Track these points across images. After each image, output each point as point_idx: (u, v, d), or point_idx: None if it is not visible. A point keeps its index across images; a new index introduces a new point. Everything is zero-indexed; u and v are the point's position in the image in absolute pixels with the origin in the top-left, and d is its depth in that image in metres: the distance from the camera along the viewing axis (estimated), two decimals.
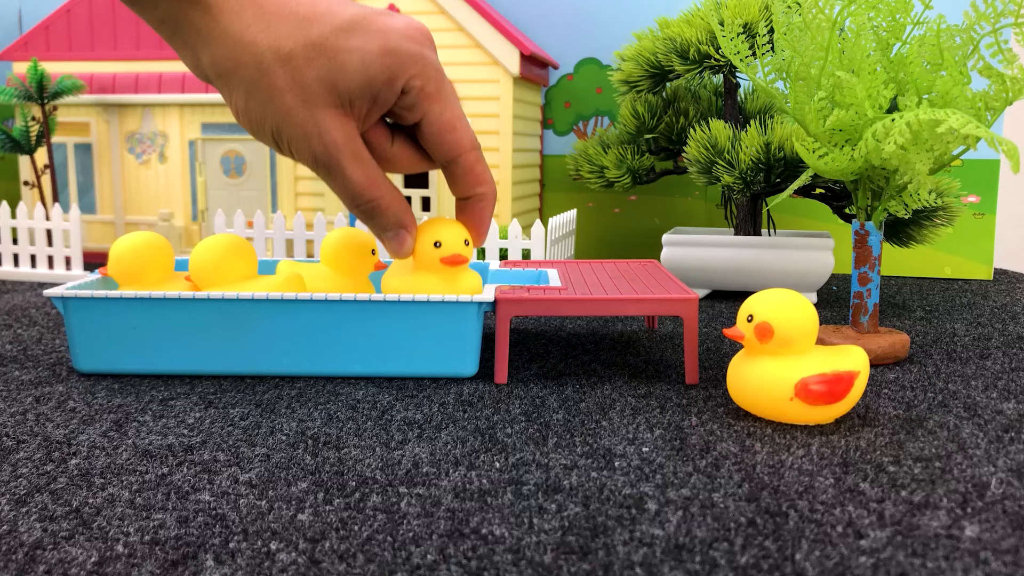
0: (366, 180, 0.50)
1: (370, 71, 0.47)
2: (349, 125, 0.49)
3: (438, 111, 0.50)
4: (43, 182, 1.15)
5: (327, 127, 0.48)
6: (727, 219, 0.96)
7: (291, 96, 0.47)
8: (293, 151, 0.49)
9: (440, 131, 0.51)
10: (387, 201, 0.52)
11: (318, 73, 0.47)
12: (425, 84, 0.49)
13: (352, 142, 0.49)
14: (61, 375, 0.59)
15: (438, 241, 0.56)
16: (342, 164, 0.49)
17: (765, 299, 0.49)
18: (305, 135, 0.48)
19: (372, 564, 0.33)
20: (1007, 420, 0.50)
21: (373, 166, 0.51)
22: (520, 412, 0.51)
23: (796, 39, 0.62)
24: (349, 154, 0.49)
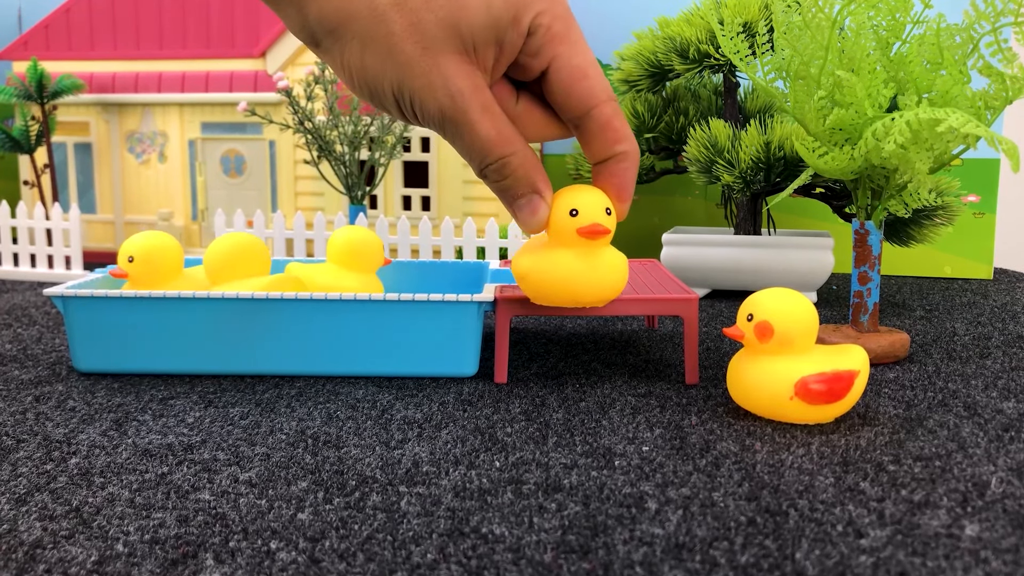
0: (497, 134, 0.44)
1: (494, 9, 0.42)
2: (476, 74, 0.43)
3: (568, 55, 0.44)
4: (43, 181, 1.15)
5: (452, 75, 0.43)
6: (727, 218, 0.96)
7: (411, 43, 0.42)
8: (417, 109, 0.44)
9: (571, 78, 0.45)
10: (520, 159, 0.46)
11: (438, 15, 0.42)
12: (552, 23, 0.44)
13: (480, 92, 0.43)
14: (61, 374, 0.59)
15: (574, 209, 0.49)
16: (470, 116, 0.44)
17: (765, 298, 0.49)
18: (430, 86, 0.43)
19: (372, 563, 0.33)
20: (1007, 419, 0.50)
21: (504, 120, 0.45)
22: (520, 411, 0.51)
23: (796, 38, 0.61)
24: (478, 105, 0.43)
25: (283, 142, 1.09)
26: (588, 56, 0.45)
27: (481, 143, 0.44)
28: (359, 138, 0.98)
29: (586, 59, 0.45)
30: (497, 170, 0.46)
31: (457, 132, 0.44)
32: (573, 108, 0.46)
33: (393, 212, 1.08)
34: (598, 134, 0.47)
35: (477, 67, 0.44)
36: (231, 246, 0.60)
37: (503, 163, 0.45)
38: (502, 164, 0.45)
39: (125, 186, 1.14)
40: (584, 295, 0.51)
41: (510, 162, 0.45)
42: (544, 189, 0.47)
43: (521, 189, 0.47)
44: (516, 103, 0.47)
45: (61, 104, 1.12)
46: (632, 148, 0.48)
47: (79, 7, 1.13)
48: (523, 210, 0.48)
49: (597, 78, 0.46)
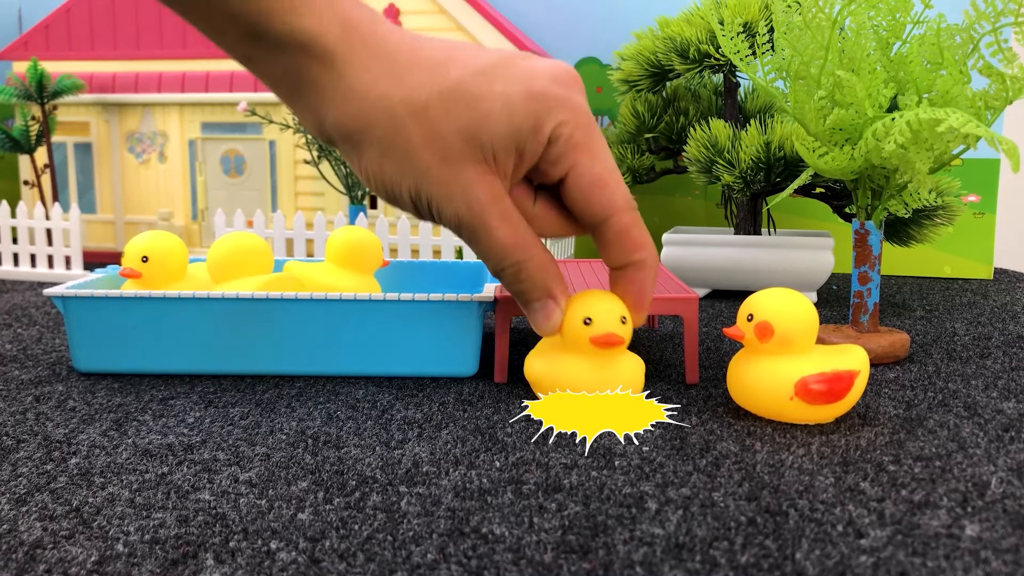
0: (513, 240, 0.45)
1: (515, 119, 0.42)
2: (495, 183, 0.44)
3: (588, 164, 0.44)
4: (43, 181, 1.15)
5: (470, 184, 0.43)
6: (727, 218, 0.96)
7: (429, 153, 0.42)
8: (435, 214, 0.44)
9: (590, 187, 0.45)
10: (536, 265, 0.46)
11: (457, 124, 0.42)
12: (574, 132, 0.44)
13: (499, 201, 0.44)
14: (61, 374, 0.59)
15: (588, 317, 0.48)
16: (488, 224, 0.44)
17: (765, 298, 0.49)
18: (448, 195, 0.43)
19: (372, 563, 0.33)
20: (1007, 419, 0.50)
21: (523, 226, 0.45)
22: (520, 411, 0.51)
23: (796, 38, 0.61)
24: (496, 213, 0.44)
25: (283, 142, 1.10)
26: (608, 164, 0.45)
27: (499, 248, 0.45)
28: None
29: (606, 168, 0.45)
30: (513, 274, 0.46)
31: (475, 238, 0.44)
32: (592, 216, 0.46)
33: (393, 212, 1.07)
34: (615, 242, 0.47)
35: (496, 175, 0.44)
36: (234, 246, 0.60)
37: (519, 268, 0.46)
38: (518, 269, 0.46)
39: (125, 186, 1.14)
40: None
41: (526, 267, 0.46)
42: (559, 294, 0.47)
43: (536, 294, 0.47)
44: (534, 204, 0.47)
45: (61, 104, 1.13)
46: (650, 257, 0.48)
47: (79, 7, 1.13)
48: (537, 314, 0.48)
49: (616, 187, 0.46)
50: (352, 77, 0.41)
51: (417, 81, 0.42)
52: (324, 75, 0.41)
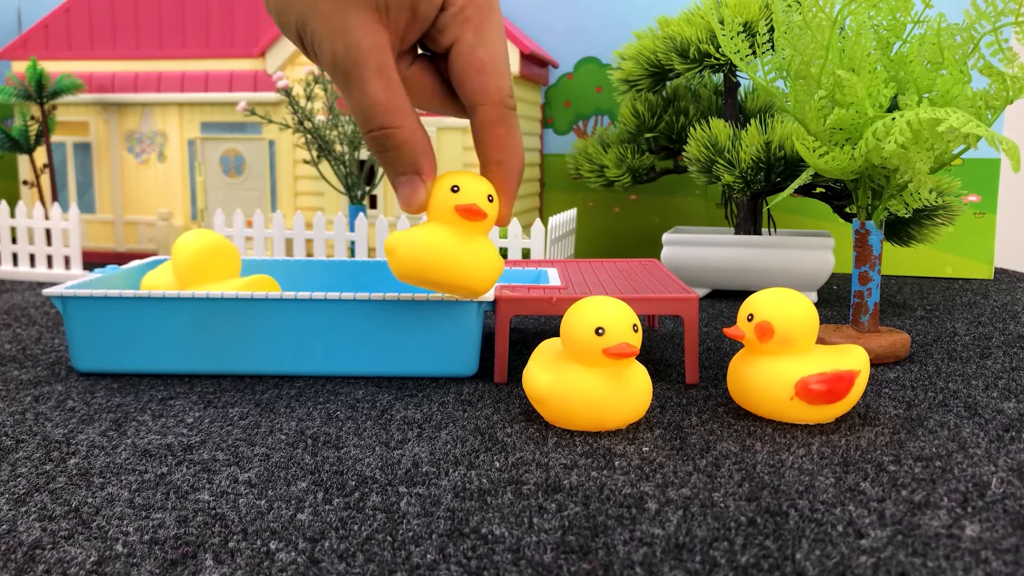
0: (386, 101, 0.43)
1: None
2: (381, 33, 0.42)
3: (471, 42, 0.43)
4: (42, 181, 1.14)
5: (355, 26, 0.41)
6: (727, 218, 0.96)
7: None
8: (314, 50, 0.43)
9: (466, 66, 0.43)
10: (406, 134, 0.44)
11: None
12: (467, 6, 0.42)
13: (380, 52, 0.42)
14: (60, 374, 0.59)
15: (600, 327, 0.45)
16: (363, 73, 0.42)
17: (765, 298, 0.49)
18: (330, 31, 0.41)
19: (372, 563, 0.33)
20: (1007, 419, 0.50)
21: (400, 89, 0.43)
22: (520, 412, 0.51)
23: (796, 38, 0.61)
24: (374, 65, 0.42)
25: (283, 142, 1.09)
26: (494, 50, 0.44)
27: (369, 104, 0.43)
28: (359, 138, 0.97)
29: (490, 53, 0.43)
30: (379, 139, 0.44)
31: (348, 85, 0.43)
32: (464, 98, 0.45)
33: (393, 212, 1.07)
34: (480, 134, 0.46)
35: (386, 28, 0.42)
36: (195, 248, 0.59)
37: (387, 133, 0.44)
38: (386, 134, 0.44)
39: (124, 186, 1.14)
40: (609, 420, 0.47)
41: (395, 135, 0.44)
42: (427, 171, 0.46)
43: (403, 166, 0.45)
44: (409, 66, 0.45)
45: (60, 104, 1.12)
46: (510, 159, 0.46)
47: (79, 7, 1.13)
48: (403, 188, 0.46)
49: (494, 75, 0.44)
50: None
51: None
52: None
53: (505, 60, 0.45)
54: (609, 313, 0.46)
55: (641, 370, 0.48)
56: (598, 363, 0.46)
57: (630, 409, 0.47)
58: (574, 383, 0.46)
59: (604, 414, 0.47)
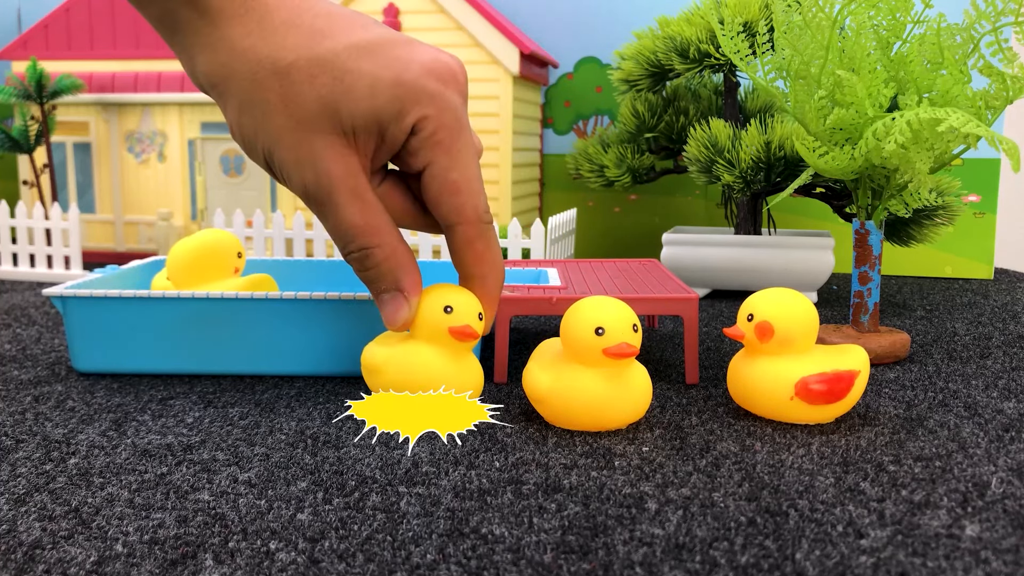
0: (363, 222, 0.43)
1: (378, 100, 0.42)
2: (350, 158, 0.43)
3: (444, 165, 0.44)
4: (42, 181, 1.14)
5: (322, 155, 0.42)
6: (727, 218, 0.96)
7: (284, 116, 0.41)
8: (286, 179, 0.43)
9: (441, 189, 0.44)
10: (385, 253, 0.44)
11: (318, 93, 0.41)
12: (437, 130, 0.43)
13: (351, 177, 0.43)
14: (60, 374, 0.59)
15: (600, 327, 0.45)
16: (335, 200, 0.43)
17: (765, 298, 0.49)
18: (297, 161, 0.42)
19: (372, 564, 0.33)
20: (1007, 419, 0.50)
21: (376, 209, 0.44)
22: (520, 412, 0.51)
23: (796, 38, 0.61)
24: (346, 190, 0.43)
25: None
26: (467, 171, 0.44)
27: (345, 228, 0.43)
28: None
29: (464, 175, 0.44)
30: (359, 260, 0.45)
31: (322, 212, 0.43)
32: (441, 218, 0.46)
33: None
34: (458, 252, 0.46)
35: (355, 152, 0.43)
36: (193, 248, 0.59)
37: (366, 254, 0.44)
38: (364, 255, 0.44)
39: (124, 186, 1.14)
40: (609, 420, 0.47)
41: (373, 254, 0.44)
42: (409, 288, 0.46)
43: (384, 284, 0.46)
44: (379, 184, 0.46)
45: (60, 104, 1.12)
46: (491, 273, 0.47)
47: (79, 7, 1.13)
48: (385, 306, 0.46)
49: (469, 195, 0.44)
50: (224, 28, 0.41)
51: (289, 43, 0.41)
52: (197, 22, 0.42)
53: (478, 178, 0.45)
54: (609, 313, 0.46)
55: (641, 370, 0.48)
56: (598, 363, 0.46)
57: (630, 409, 0.47)
58: (574, 383, 0.46)
59: (604, 414, 0.47)
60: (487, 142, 1.04)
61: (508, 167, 1.04)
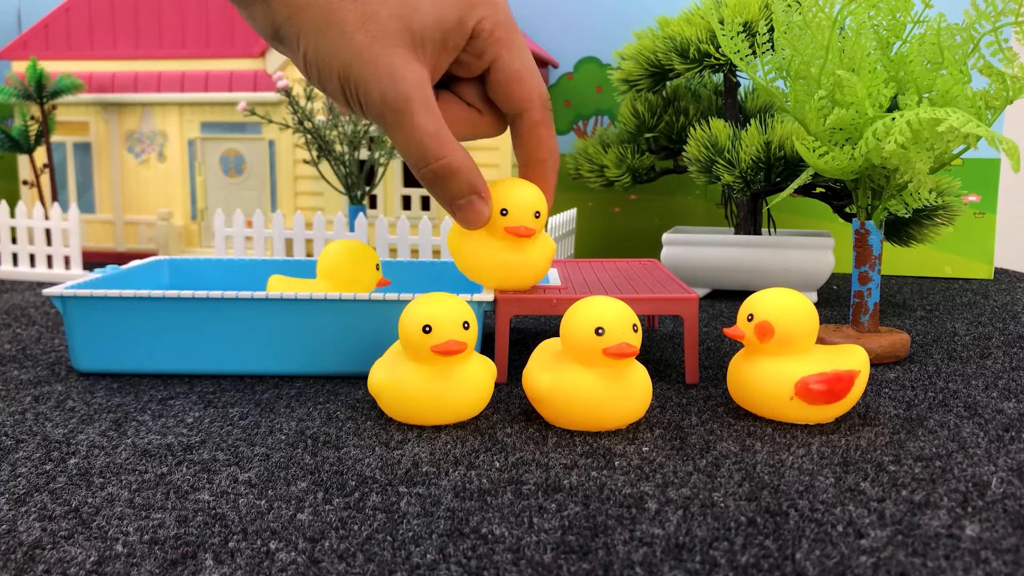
0: (436, 133, 0.45)
1: (442, 9, 0.44)
2: (422, 70, 0.45)
3: (508, 58, 0.47)
4: (42, 181, 1.14)
5: (400, 66, 0.44)
6: (727, 218, 0.96)
7: (363, 33, 0.43)
8: (360, 96, 0.45)
9: (508, 79, 0.47)
10: (459, 161, 0.46)
11: (391, 10, 0.44)
12: (495, 28, 0.46)
13: (424, 88, 0.45)
14: (60, 374, 0.59)
15: (600, 327, 0.46)
16: (412, 111, 0.44)
17: (765, 298, 0.49)
18: (376, 74, 0.44)
19: (372, 564, 0.33)
20: (1007, 419, 0.50)
21: (443, 122, 0.46)
22: (520, 412, 0.51)
23: (796, 38, 0.61)
24: (421, 100, 0.44)
25: (283, 142, 1.09)
26: (527, 62, 0.48)
27: (422, 139, 0.45)
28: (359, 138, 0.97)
29: (524, 65, 0.47)
30: (437, 172, 0.46)
31: (397, 123, 0.45)
32: (510, 107, 0.48)
33: (393, 212, 1.07)
34: (525, 137, 0.49)
35: (425, 64, 0.45)
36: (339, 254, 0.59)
37: (443, 165, 0.46)
38: (442, 166, 0.46)
39: (124, 186, 1.14)
40: (609, 420, 0.47)
41: (450, 164, 0.46)
42: (484, 190, 0.48)
43: (462, 191, 0.48)
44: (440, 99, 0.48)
45: (60, 104, 1.12)
46: (551, 159, 0.51)
47: (78, 7, 1.13)
48: (465, 211, 0.48)
49: (533, 82, 0.48)
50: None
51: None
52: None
53: (536, 69, 0.48)
54: (609, 313, 0.46)
55: (641, 370, 0.48)
56: (598, 363, 0.46)
57: (630, 409, 0.47)
58: (574, 383, 0.46)
59: (604, 414, 0.47)
60: (487, 142, 1.04)
61: (508, 167, 1.04)
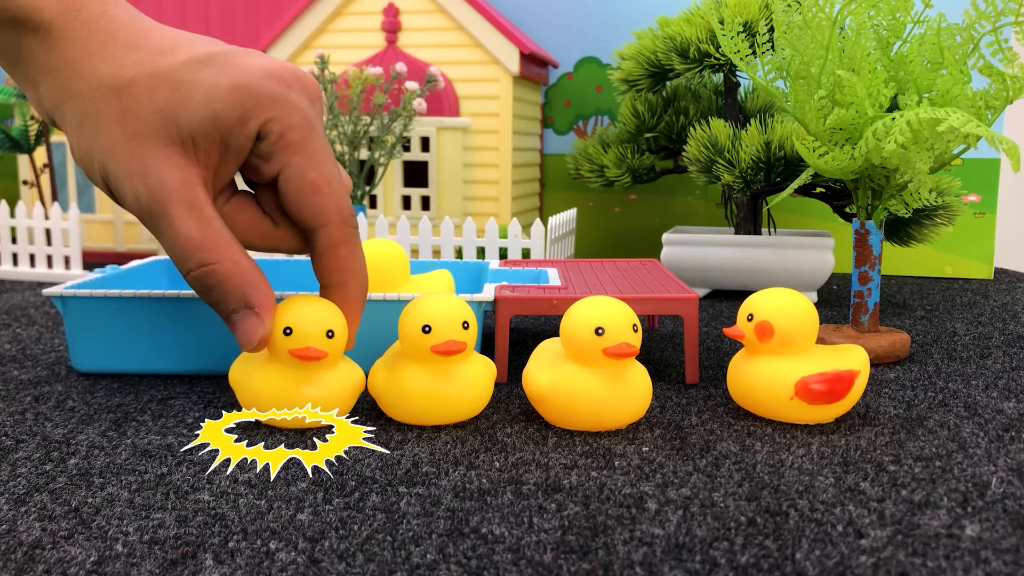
0: (200, 235, 0.41)
1: (216, 106, 0.40)
2: (189, 169, 0.41)
3: (300, 166, 0.42)
4: (42, 181, 1.14)
5: (157, 166, 0.40)
6: (727, 218, 0.96)
7: (120, 128, 0.40)
8: (118, 196, 0.42)
9: (299, 191, 0.43)
10: (228, 268, 0.42)
11: (157, 104, 0.40)
12: (286, 131, 0.42)
13: (188, 189, 0.41)
14: (60, 374, 0.59)
15: (600, 327, 0.45)
16: (169, 212, 0.40)
17: (765, 298, 0.49)
18: (129, 173, 0.40)
19: (372, 564, 0.33)
20: (1007, 419, 0.50)
21: (216, 225, 0.42)
22: (520, 412, 0.51)
23: (796, 38, 0.61)
24: (182, 202, 0.40)
25: None
26: (325, 171, 0.43)
27: (182, 243, 0.41)
28: (359, 138, 0.98)
29: (322, 174, 0.43)
30: (200, 279, 0.42)
31: (156, 227, 0.41)
32: (302, 223, 0.44)
33: (393, 212, 1.07)
34: (320, 257, 0.45)
35: (195, 164, 0.41)
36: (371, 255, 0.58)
37: (206, 271, 0.41)
38: (205, 272, 0.41)
39: None
40: (609, 420, 0.47)
41: (215, 271, 0.41)
42: (261, 303, 0.43)
43: (232, 303, 0.43)
44: (226, 203, 0.44)
45: None
46: (354, 281, 0.45)
47: None
48: (236, 328, 0.43)
49: (331, 196, 0.43)
50: (64, 51, 0.41)
51: (131, 61, 0.41)
52: (39, 48, 0.41)
53: (338, 179, 0.44)
54: (609, 313, 0.46)
55: (641, 370, 0.48)
56: (598, 363, 0.46)
57: (630, 409, 0.47)
58: (574, 383, 0.46)
59: (604, 414, 0.47)
60: (487, 142, 1.04)
61: (508, 167, 1.04)
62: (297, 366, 0.46)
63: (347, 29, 1.07)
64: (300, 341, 0.44)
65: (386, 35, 1.06)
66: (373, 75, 0.96)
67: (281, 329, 0.44)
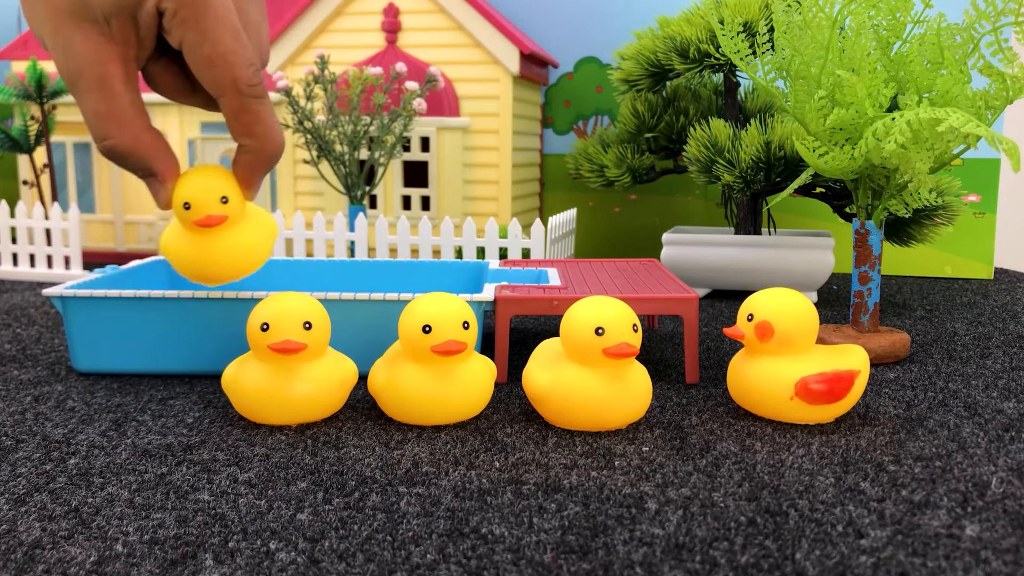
0: (106, 110, 0.44)
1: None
2: (103, 46, 0.44)
3: (194, 41, 0.44)
4: (42, 181, 1.14)
5: (73, 41, 0.43)
6: (727, 218, 0.96)
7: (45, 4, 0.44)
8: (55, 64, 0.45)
9: (195, 64, 0.45)
10: (127, 141, 0.45)
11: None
12: (179, 8, 0.44)
13: (100, 65, 0.44)
14: (60, 374, 0.59)
15: (600, 327, 0.45)
16: (80, 86, 0.44)
17: (765, 298, 0.49)
18: (54, 46, 0.44)
19: (372, 563, 0.33)
20: (1007, 419, 0.50)
21: (123, 99, 0.45)
22: (520, 412, 0.51)
23: (796, 38, 0.61)
24: (93, 78, 0.44)
25: None
26: (220, 46, 0.45)
27: (91, 117, 0.45)
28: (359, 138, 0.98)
29: (216, 48, 0.44)
30: (107, 150, 0.46)
31: (76, 97, 0.45)
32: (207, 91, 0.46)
33: (393, 212, 1.07)
34: (228, 121, 0.47)
35: (112, 41, 0.44)
36: None
37: (110, 144, 0.45)
38: (109, 145, 0.45)
39: (124, 186, 1.14)
40: (609, 420, 0.47)
41: (117, 144, 0.45)
42: (164, 170, 0.47)
43: (139, 172, 0.47)
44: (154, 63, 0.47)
45: (60, 104, 1.12)
46: (257, 145, 0.48)
47: None
48: (150, 189, 0.48)
49: (225, 67, 0.45)
50: None
51: None
52: None
53: (233, 51, 0.45)
54: (609, 313, 0.46)
55: (641, 370, 0.48)
56: (598, 363, 0.46)
57: (630, 409, 0.47)
58: (574, 383, 0.46)
59: (604, 414, 0.47)
60: (487, 142, 1.04)
61: (508, 167, 1.04)
62: (284, 366, 0.47)
63: (347, 29, 1.07)
64: (277, 335, 0.46)
65: (386, 35, 1.06)
66: (373, 75, 0.96)
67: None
